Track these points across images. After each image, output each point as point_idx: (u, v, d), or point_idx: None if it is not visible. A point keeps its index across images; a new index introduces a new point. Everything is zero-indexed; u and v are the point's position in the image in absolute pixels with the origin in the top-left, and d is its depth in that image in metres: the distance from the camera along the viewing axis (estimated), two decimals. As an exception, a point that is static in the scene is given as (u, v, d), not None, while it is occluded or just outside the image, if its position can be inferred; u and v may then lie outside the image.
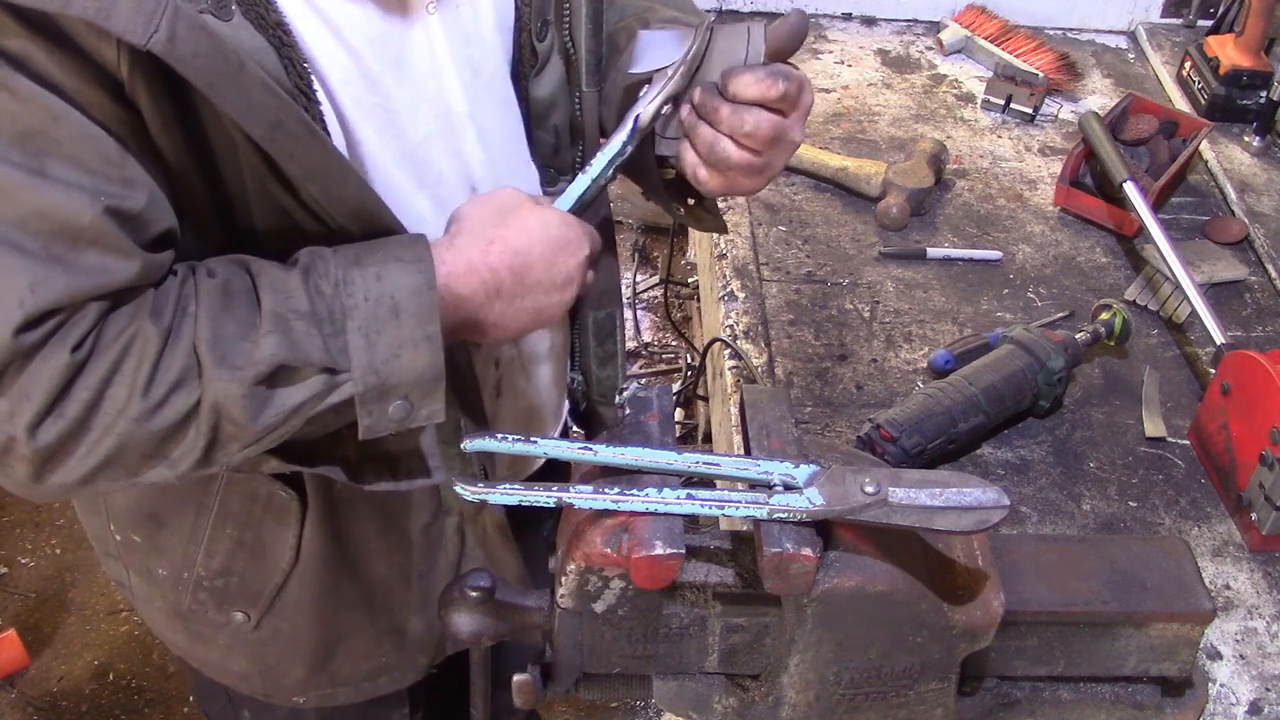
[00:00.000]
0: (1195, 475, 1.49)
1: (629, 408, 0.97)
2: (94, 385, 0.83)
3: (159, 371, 0.85)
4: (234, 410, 0.86)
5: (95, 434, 0.85)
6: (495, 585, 0.91)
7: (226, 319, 0.86)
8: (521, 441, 0.92)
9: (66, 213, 0.80)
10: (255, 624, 1.19)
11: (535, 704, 0.95)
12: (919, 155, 1.89)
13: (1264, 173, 2.00)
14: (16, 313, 0.79)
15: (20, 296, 0.79)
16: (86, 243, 0.81)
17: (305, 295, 0.88)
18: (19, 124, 0.78)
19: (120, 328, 0.84)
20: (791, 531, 0.86)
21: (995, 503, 0.87)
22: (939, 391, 1.46)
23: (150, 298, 0.86)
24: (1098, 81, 2.24)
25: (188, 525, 1.13)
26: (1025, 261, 1.80)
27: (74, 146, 0.80)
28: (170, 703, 2.50)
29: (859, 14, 2.36)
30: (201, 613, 1.20)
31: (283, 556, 1.13)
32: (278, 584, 1.16)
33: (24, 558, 2.75)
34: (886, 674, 0.93)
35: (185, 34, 0.79)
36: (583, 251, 1.02)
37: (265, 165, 0.88)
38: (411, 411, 0.93)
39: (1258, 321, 1.72)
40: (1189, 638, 0.99)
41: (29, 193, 0.79)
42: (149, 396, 0.84)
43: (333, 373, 0.89)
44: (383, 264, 0.90)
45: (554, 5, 1.09)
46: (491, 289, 0.97)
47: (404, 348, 0.90)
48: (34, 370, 0.82)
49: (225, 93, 0.82)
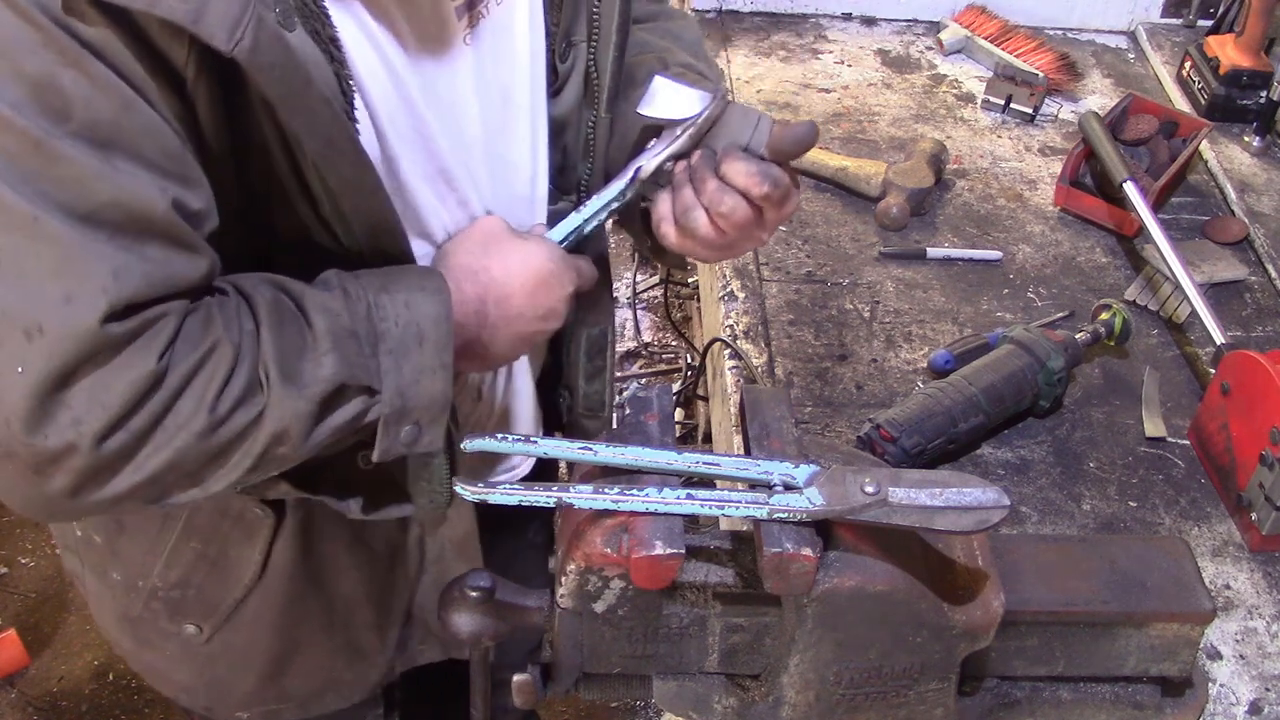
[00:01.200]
0: (1195, 475, 1.49)
1: (629, 408, 0.97)
2: (166, 399, 0.82)
3: (228, 387, 0.84)
4: (295, 429, 0.86)
5: (151, 448, 0.82)
6: (495, 585, 0.91)
7: (285, 338, 0.86)
8: (521, 441, 0.92)
9: (139, 203, 0.79)
10: (207, 637, 1.18)
11: (535, 704, 0.95)
12: (919, 155, 1.89)
13: (1264, 173, 2.00)
14: (102, 299, 0.77)
15: (103, 283, 0.77)
16: (157, 235, 0.80)
17: (349, 316, 0.89)
18: (93, 110, 0.76)
19: (199, 337, 0.83)
20: (791, 531, 0.86)
21: (995, 503, 0.87)
22: (939, 391, 1.46)
23: (218, 311, 0.85)
24: (1098, 81, 2.24)
25: (150, 535, 1.12)
26: (1025, 261, 1.80)
27: (143, 138, 0.79)
28: (170, 703, 2.49)
29: (859, 14, 2.36)
30: (152, 621, 1.19)
31: (246, 572, 1.13)
32: (237, 598, 1.15)
33: (24, 558, 2.75)
34: (886, 674, 0.93)
35: (266, 44, 0.79)
36: (564, 288, 1.04)
37: (294, 177, 0.88)
38: (418, 436, 0.93)
39: (1258, 321, 1.72)
40: (1189, 638, 0.99)
41: (103, 181, 0.77)
42: (214, 413, 0.83)
43: (370, 394, 0.89)
44: (409, 292, 0.91)
45: (584, 28, 1.09)
46: (480, 320, 0.99)
47: (424, 374, 0.91)
48: (116, 373, 0.79)
49: (294, 105, 0.82)
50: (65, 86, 0.75)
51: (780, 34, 2.30)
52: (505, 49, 1.04)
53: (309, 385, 0.86)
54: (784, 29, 2.31)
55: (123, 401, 0.80)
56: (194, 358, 0.82)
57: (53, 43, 0.75)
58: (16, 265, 0.77)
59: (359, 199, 0.91)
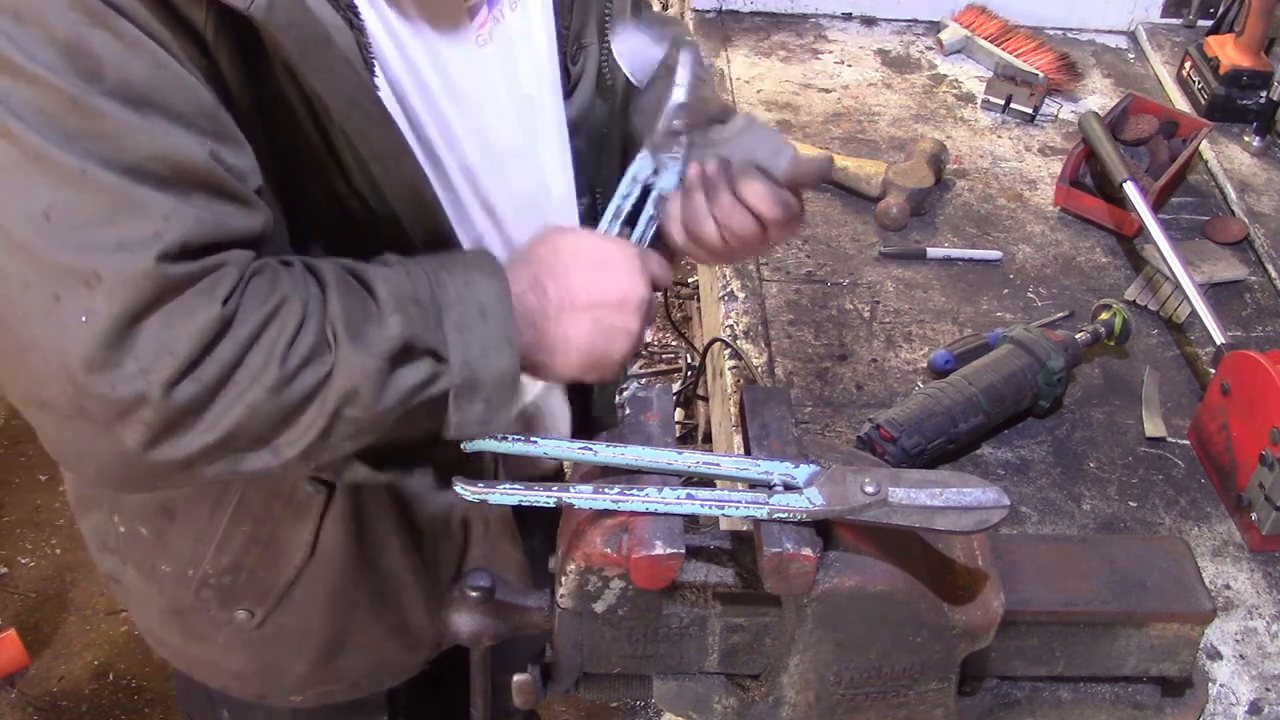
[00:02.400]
0: (1195, 475, 1.49)
1: (629, 408, 0.97)
2: (237, 347, 0.82)
3: (297, 342, 0.84)
4: (364, 388, 0.86)
5: (225, 402, 0.82)
6: (495, 585, 0.91)
7: (352, 302, 0.87)
8: (522, 441, 0.92)
9: (180, 155, 0.79)
10: (259, 622, 1.19)
11: (535, 704, 0.95)
12: (919, 155, 1.89)
13: (1264, 173, 2.00)
14: (155, 242, 0.78)
15: (156, 226, 0.78)
16: (203, 186, 0.81)
17: (411, 284, 0.89)
18: (126, 70, 0.77)
19: (266, 292, 0.84)
20: (791, 531, 0.86)
21: (995, 503, 0.87)
22: (939, 391, 1.46)
23: (285, 273, 0.86)
24: (1098, 81, 2.24)
25: (201, 521, 1.12)
26: (1025, 261, 1.80)
27: (177, 95, 0.79)
28: (170, 703, 2.49)
29: (859, 14, 2.36)
30: (203, 611, 1.19)
31: (297, 553, 1.13)
32: (289, 580, 1.15)
33: (24, 558, 2.75)
34: (886, 674, 0.93)
35: (283, 3, 0.80)
36: (632, 269, 0.99)
37: (323, 144, 0.89)
38: (492, 417, 0.93)
39: (1258, 321, 1.72)
40: (1189, 638, 0.99)
41: (143, 135, 0.78)
42: (285, 365, 0.83)
43: (438, 359, 0.89)
44: (466, 271, 0.92)
45: (595, 30, 1.10)
46: (540, 294, 0.96)
47: (490, 348, 0.91)
48: (183, 316, 0.80)
49: (313, 64, 0.83)
50: (95, 47, 0.76)
51: (780, 34, 2.30)
52: (525, 53, 1.05)
53: (376, 344, 0.86)
54: (784, 29, 2.31)
55: (190, 347, 0.80)
56: (263, 310, 0.83)
57: (79, 4, 0.76)
58: (68, 218, 0.77)
59: (389, 164, 0.91)
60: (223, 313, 0.81)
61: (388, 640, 1.25)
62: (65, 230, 0.77)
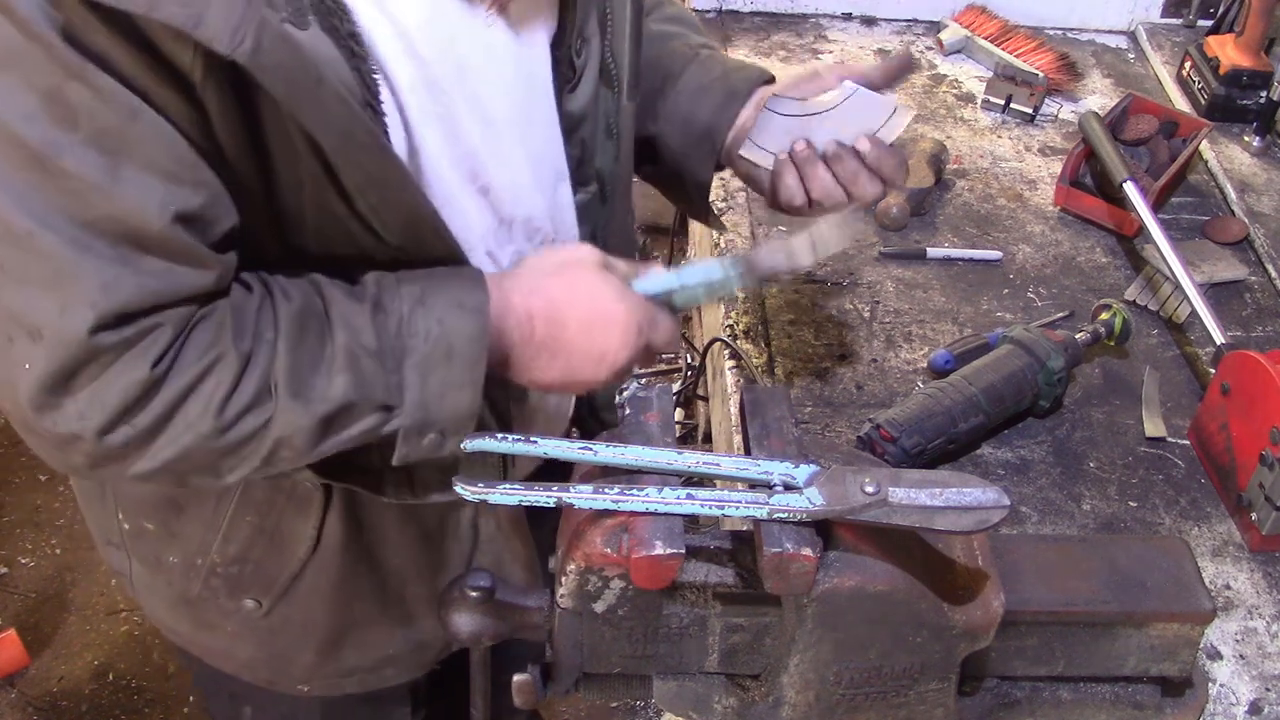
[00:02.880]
0: (1195, 475, 1.49)
1: (629, 408, 0.97)
2: (170, 401, 0.86)
3: (235, 394, 0.88)
4: (298, 440, 0.91)
5: (160, 443, 0.88)
6: (495, 585, 0.91)
7: (303, 350, 0.89)
8: (521, 442, 0.92)
9: (137, 218, 0.81)
10: (266, 611, 1.20)
11: (535, 704, 0.95)
12: (919, 155, 1.89)
13: (1264, 173, 2.00)
14: (90, 312, 0.81)
15: (92, 297, 0.81)
16: (155, 249, 0.83)
17: (373, 332, 0.91)
18: (98, 121, 0.78)
19: (204, 347, 0.87)
20: (791, 531, 0.86)
21: (995, 503, 0.87)
22: (939, 391, 1.46)
23: (230, 318, 0.88)
24: (1098, 81, 2.24)
25: (207, 512, 1.13)
26: (1025, 261, 1.80)
27: (150, 146, 0.81)
28: (170, 703, 2.50)
29: (859, 14, 2.36)
30: (211, 600, 1.20)
31: (301, 545, 1.14)
32: (294, 572, 1.16)
33: (24, 558, 2.75)
34: (886, 674, 0.93)
35: (269, 45, 0.80)
36: (628, 336, 1.01)
37: (325, 175, 0.89)
38: (442, 443, 0.96)
39: (1258, 321, 1.72)
40: (1189, 638, 0.99)
41: (101, 195, 0.80)
42: (221, 417, 0.87)
43: (388, 410, 0.93)
44: (445, 309, 0.93)
45: (597, 21, 1.10)
46: (526, 334, 0.99)
47: (450, 388, 0.93)
48: (112, 378, 0.84)
49: (303, 104, 0.83)
50: (71, 98, 0.77)
51: (780, 34, 2.30)
52: (529, 37, 1.05)
53: (315, 402, 0.89)
54: (784, 29, 2.31)
55: (120, 403, 0.85)
56: (199, 366, 0.86)
57: (57, 56, 0.76)
58: (19, 274, 0.81)
59: (387, 193, 0.92)
60: (152, 375, 0.85)
61: (393, 636, 1.26)
62: (14, 284, 0.82)
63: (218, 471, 0.92)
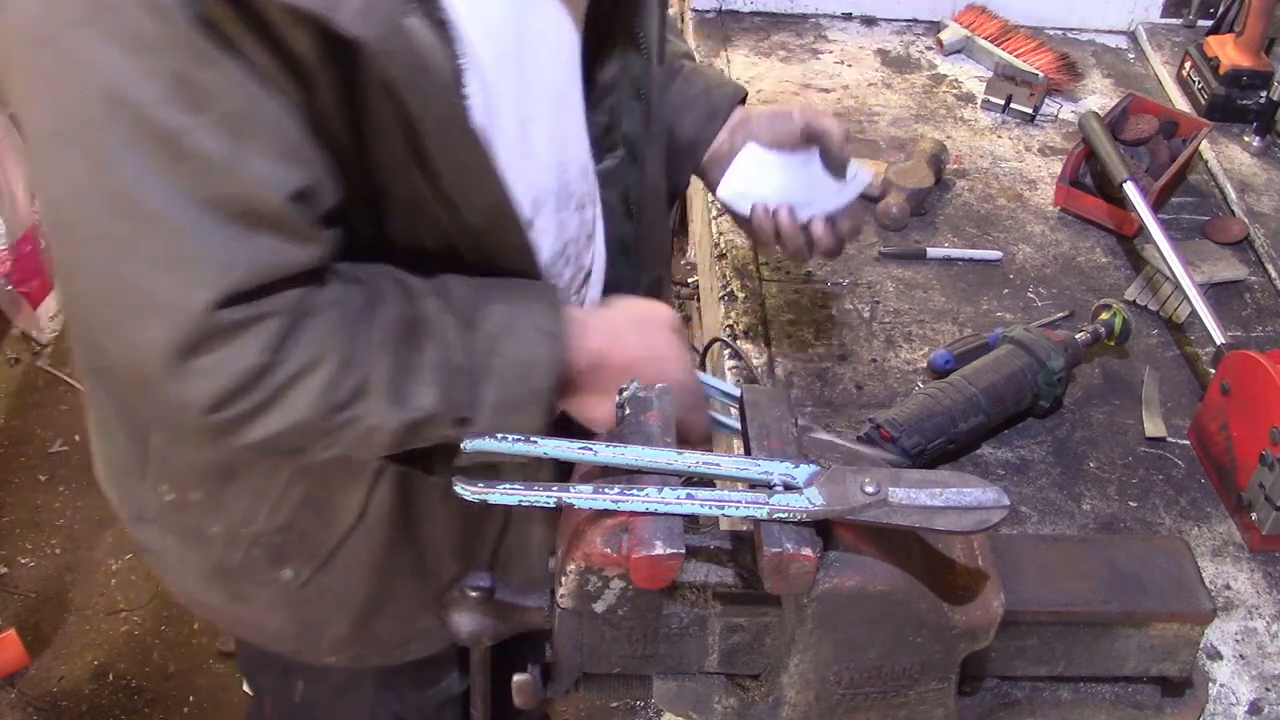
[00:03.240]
0: (1195, 475, 1.49)
1: (629, 408, 0.97)
2: (275, 387, 0.92)
3: (337, 390, 0.94)
4: (384, 438, 0.98)
5: (261, 424, 0.94)
6: (495, 585, 0.91)
7: (400, 358, 0.97)
8: (522, 442, 0.92)
9: (257, 197, 0.86)
10: (303, 582, 1.21)
11: (535, 704, 0.95)
12: (919, 155, 1.89)
13: (1264, 173, 2.00)
14: (208, 291, 0.86)
15: (212, 276, 0.86)
16: (269, 226, 0.88)
17: (463, 350, 0.98)
18: (225, 104, 0.83)
19: (311, 342, 0.93)
20: (791, 531, 0.86)
21: (995, 503, 0.87)
22: (939, 391, 1.46)
23: (337, 317, 0.94)
24: (1098, 81, 2.24)
25: (258, 481, 1.15)
26: (1025, 261, 1.80)
27: (270, 128, 0.85)
28: (170, 703, 2.50)
29: (859, 14, 2.36)
30: (250, 570, 1.21)
31: (347, 515, 1.16)
32: (337, 541, 1.18)
33: (24, 558, 2.75)
34: (886, 674, 0.93)
35: (390, 31, 0.84)
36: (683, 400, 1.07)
37: (413, 158, 0.93)
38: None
39: (1258, 321, 1.72)
40: (1189, 638, 0.99)
41: (225, 175, 0.84)
42: (317, 407, 0.94)
43: (464, 423, 0.99)
44: (528, 334, 1.01)
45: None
46: (594, 373, 1.06)
47: (520, 409, 1.01)
48: (226, 359, 0.90)
49: (411, 89, 0.87)
50: (200, 82, 0.81)
51: (780, 34, 2.30)
52: (574, 9, 1.07)
53: (407, 409, 0.97)
54: (784, 29, 2.31)
55: (230, 384, 0.91)
56: (306, 356, 0.93)
57: (190, 42, 0.80)
58: (144, 250, 0.86)
59: (471, 176, 0.96)
60: (262, 361, 0.90)
61: (423, 610, 1.27)
62: (139, 259, 0.87)
63: (309, 451, 0.99)
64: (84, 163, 0.84)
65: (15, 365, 3.20)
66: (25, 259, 3.11)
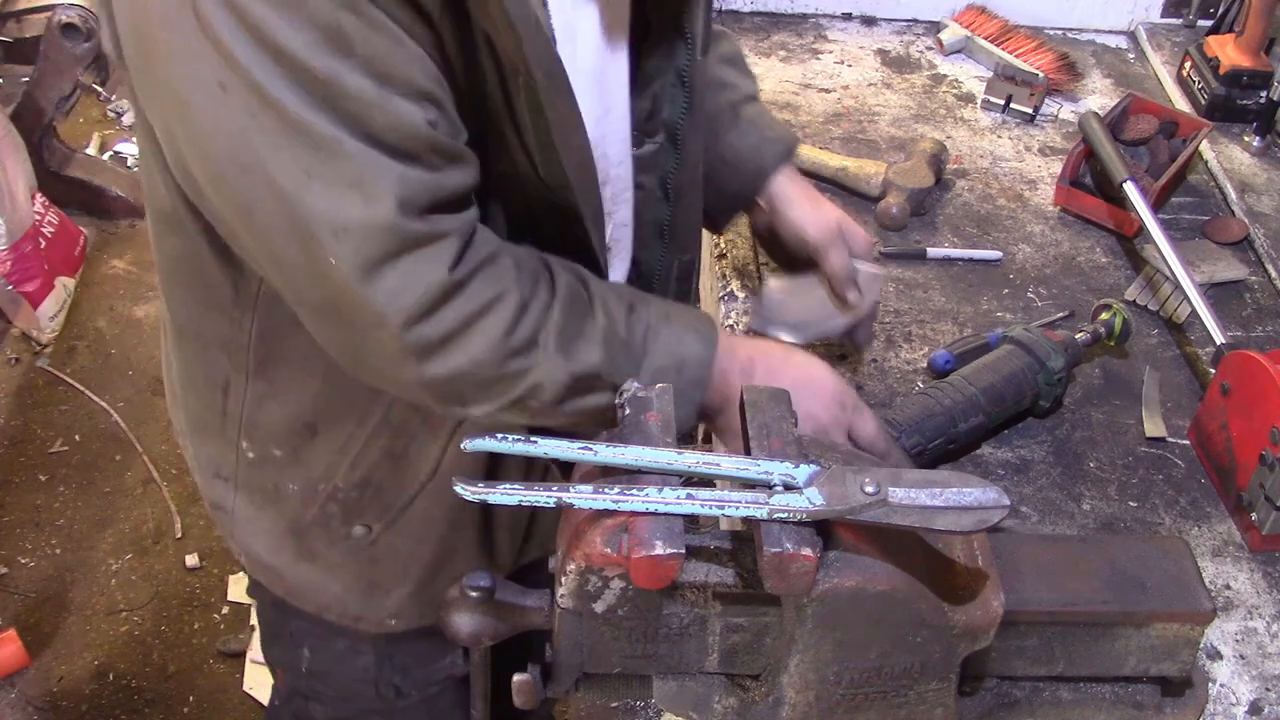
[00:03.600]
0: (1195, 475, 1.49)
1: (629, 408, 0.97)
2: (467, 312, 0.97)
3: (514, 333, 1.00)
4: (547, 392, 1.03)
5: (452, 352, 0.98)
6: (495, 585, 0.91)
7: (572, 318, 1.03)
8: (522, 441, 0.92)
9: (408, 129, 0.92)
10: (374, 538, 1.23)
11: (535, 704, 0.95)
12: (919, 155, 1.89)
13: (1264, 173, 2.00)
14: (391, 201, 0.92)
15: (393, 188, 0.92)
16: (424, 153, 0.93)
17: (626, 326, 1.06)
18: (369, 48, 0.89)
19: (494, 280, 0.99)
20: (791, 531, 0.86)
21: (995, 503, 0.87)
22: (939, 391, 1.46)
23: (515, 266, 1.01)
24: (1098, 81, 2.24)
25: (343, 435, 1.17)
26: (1025, 261, 1.80)
27: (411, 68, 0.91)
28: (170, 703, 2.50)
29: (859, 14, 2.36)
30: (323, 527, 1.23)
31: (423, 469, 1.18)
32: (410, 496, 1.20)
33: (24, 558, 2.75)
34: (886, 674, 0.93)
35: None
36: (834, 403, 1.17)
37: (506, 108, 0.98)
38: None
39: (1258, 321, 1.72)
40: (1189, 638, 1.00)
41: (378, 110, 0.90)
42: (496, 349, 0.99)
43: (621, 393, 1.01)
44: (684, 329, 1.10)
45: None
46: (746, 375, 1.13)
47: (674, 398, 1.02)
48: (416, 269, 0.95)
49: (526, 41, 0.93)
50: (346, 28, 0.87)
51: (780, 34, 2.30)
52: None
53: (574, 362, 1.02)
54: (784, 29, 2.31)
55: (424, 298, 0.95)
56: (491, 293, 0.98)
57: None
58: (324, 177, 0.91)
59: (564, 135, 1.00)
60: (451, 278, 0.96)
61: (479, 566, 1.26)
62: (321, 187, 0.91)
63: (473, 400, 1.02)
64: (248, 107, 0.89)
65: (15, 365, 3.20)
66: (25, 259, 3.11)
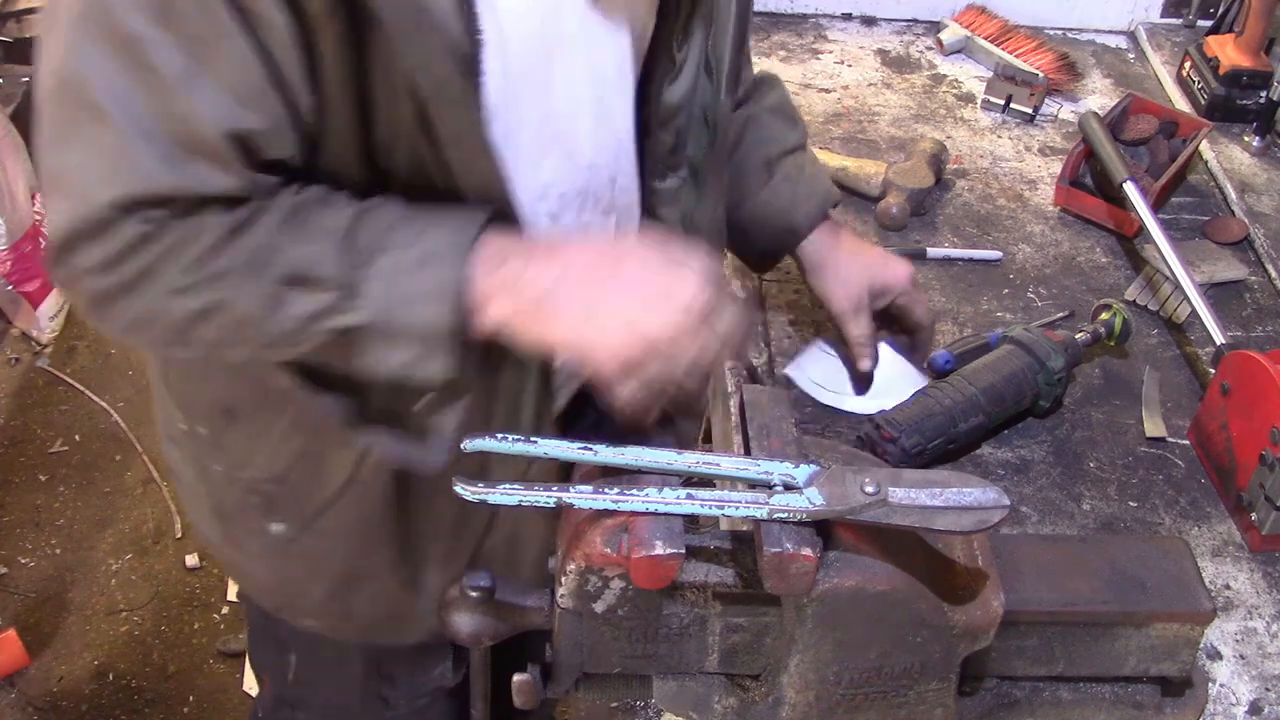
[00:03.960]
0: (1195, 475, 1.49)
1: (629, 408, 0.97)
2: (151, 258, 0.92)
3: (208, 263, 0.93)
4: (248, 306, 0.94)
5: (135, 298, 0.94)
6: (495, 585, 0.91)
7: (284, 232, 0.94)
8: (521, 442, 0.92)
9: (197, 124, 0.88)
10: (290, 538, 1.22)
11: (535, 704, 0.95)
12: (919, 155, 1.89)
13: (1264, 173, 2.00)
14: (119, 189, 0.89)
15: (132, 178, 0.89)
16: (202, 154, 0.90)
17: (348, 220, 0.94)
18: (192, 28, 0.85)
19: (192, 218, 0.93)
20: (791, 531, 0.86)
21: (995, 503, 0.87)
22: (939, 391, 1.46)
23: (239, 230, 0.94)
24: (1098, 81, 2.24)
25: (259, 425, 1.15)
26: (1025, 261, 1.80)
27: (229, 66, 0.87)
28: (170, 703, 2.49)
29: (859, 14, 2.36)
30: (244, 516, 1.23)
31: (339, 475, 1.15)
32: (325, 502, 1.18)
33: (24, 558, 2.75)
34: (886, 674, 0.93)
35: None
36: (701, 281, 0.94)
37: (416, 118, 0.93)
38: (415, 367, 0.97)
39: (1258, 321, 1.72)
40: (1189, 638, 1.00)
41: (173, 95, 0.87)
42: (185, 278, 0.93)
43: (348, 294, 0.93)
44: (433, 222, 0.95)
45: (702, 20, 1.13)
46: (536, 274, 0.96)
47: (419, 297, 0.94)
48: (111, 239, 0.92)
49: (410, 47, 0.88)
50: (177, 4, 0.84)
51: (780, 34, 2.30)
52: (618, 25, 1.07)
53: (270, 270, 0.93)
54: (784, 29, 2.31)
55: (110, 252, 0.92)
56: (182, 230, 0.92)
57: None
58: (84, 138, 0.89)
59: (467, 153, 0.96)
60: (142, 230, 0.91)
61: (401, 594, 1.26)
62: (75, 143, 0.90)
63: (188, 341, 0.99)
64: (57, 50, 0.88)
65: (15, 365, 3.20)
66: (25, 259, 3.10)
